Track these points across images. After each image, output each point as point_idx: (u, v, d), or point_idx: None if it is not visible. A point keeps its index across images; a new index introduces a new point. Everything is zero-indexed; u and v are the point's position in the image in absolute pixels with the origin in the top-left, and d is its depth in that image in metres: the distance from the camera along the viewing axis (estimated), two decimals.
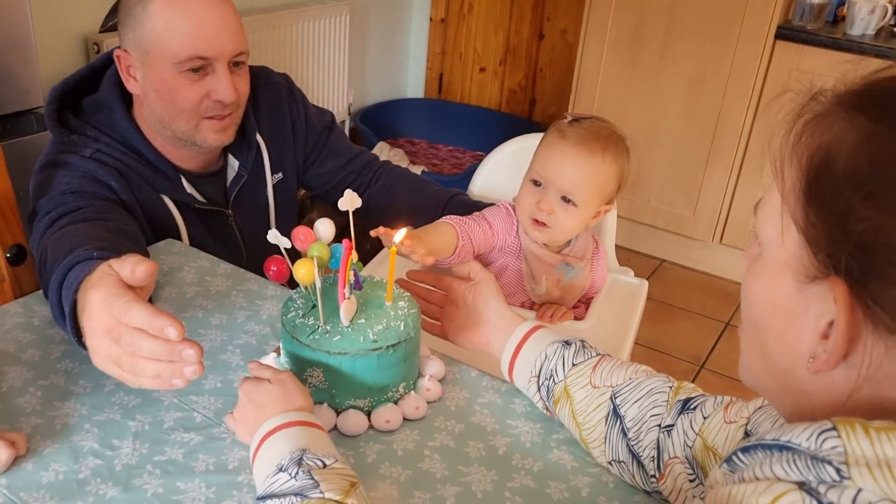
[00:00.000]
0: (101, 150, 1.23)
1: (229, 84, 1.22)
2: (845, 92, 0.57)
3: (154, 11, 1.17)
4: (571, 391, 0.90)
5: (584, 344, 0.95)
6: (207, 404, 0.95)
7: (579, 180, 1.19)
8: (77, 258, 0.90)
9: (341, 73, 3.40)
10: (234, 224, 1.37)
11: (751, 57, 2.67)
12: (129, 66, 1.22)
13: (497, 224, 1.26)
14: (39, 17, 2.23)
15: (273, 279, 0.95)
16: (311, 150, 1.46)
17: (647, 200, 3.02)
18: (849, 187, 0.51)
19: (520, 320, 1.00)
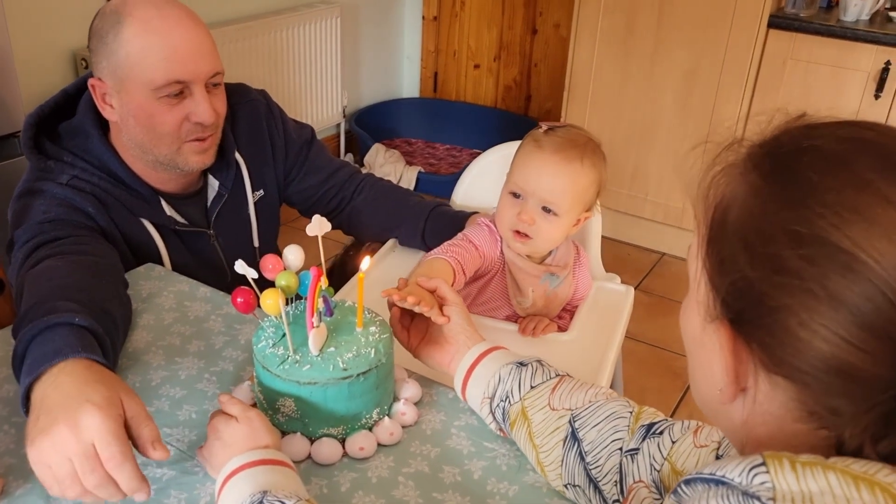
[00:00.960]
0: (77, 175, 1.23)
1: (208, 106, 1.21)
2: (753, 144, 0.58)
3: (127, 38, 1.16)
4: (529, 413, 0.89)
5: (541, 364, 0.94)
6: (181, 436, 0.95)
7: (559, 188, 1.18)
8: (58, 320, 0.90)
9: (335, 76, 3.39)
10: (216, 244, 1.37)
11: (744, 47, 2.64)
12: (105, 94, 1.21)
13: (482, 244, 1.25)
14: (23, 33, 2.24)
15: (240, 311, 0.94)
16: (291, 165, 1.45)
17: (646, 195, 3.00)
18: (735, 239, 0.55)
19: (479, 340, 0.99)
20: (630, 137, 2.96)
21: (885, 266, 0.48)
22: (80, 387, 0.79)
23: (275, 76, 3.11)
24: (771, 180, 0.54)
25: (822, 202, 0.51)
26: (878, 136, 0.54)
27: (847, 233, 0.49)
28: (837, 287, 0.49)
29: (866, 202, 0.50)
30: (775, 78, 2.63)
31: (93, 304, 0.97)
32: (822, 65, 2.56)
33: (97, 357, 0.85)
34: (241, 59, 2.92)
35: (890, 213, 0.49)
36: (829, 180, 0.51)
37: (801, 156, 0.54)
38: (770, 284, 0.52)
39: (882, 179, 0.50)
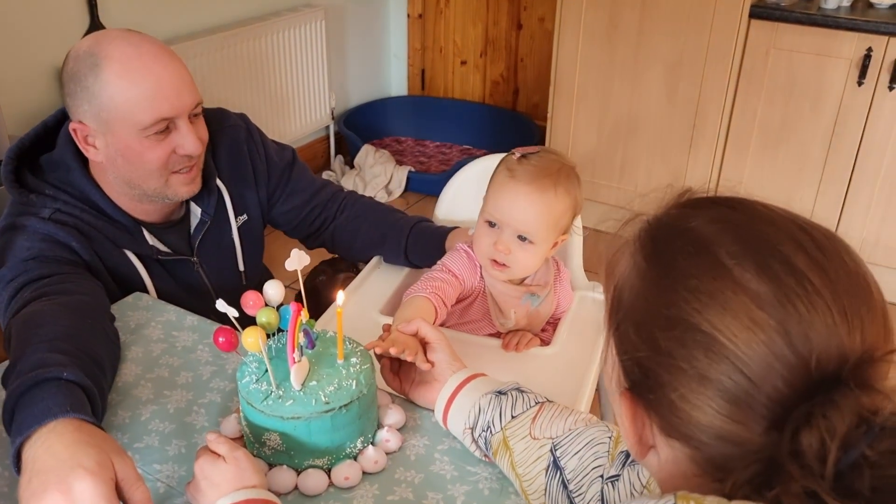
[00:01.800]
0: (60, 209, 1.24)
1: (194, 137, 1.23)
2: (645, 222, 0.63)
3: (108, 80, 1.16)
4: (511, 443, 0.91)
5: (520, 391, 0.96)
6: (171, 472, 0.97)
7: (533, 218, 1.20)
8: (46, 375, 0.91)
9: (321, 78, 3.40)
10: (200, 271, 1.38)
11: (726, 38, 2.65)
12: (87, 136, 1.21)
13: (462, 273, 1.27)
14: (6, 51, 2.24)
15: (223, 350, 0.96)
16: (274, 188, 1.46)
17: (634, 187, 3.01)
18: (628, 319, 0.60)
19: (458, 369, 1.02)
20: (617, 130, 2.97)
21: (739, 346, 0.53)
22: (71, 450, 0.80)
23: (261, 82, 3.12)
24: (651, 263, 0.60)
25: (687, 287, 0.56)
26: (746, 218, 0.58)
27: (706, 316, 0.54)
28: (702, 366, 0.54)
29: (720, 288, 0.54)
30: (759, 68, 2.64)
31: (81, 352, 0.99)
32: (805, 53, 2.57)
33: (86, 416, 0.86)
34: (227, 67, 2.93)
35: (741, 297, 0.53)
36: (693, 266, 0.56)
37: (675, 239, 0.59)
38: (653, 362, 0.57)
39: (737, 265, 0.55)
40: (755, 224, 0.58)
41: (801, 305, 0.53)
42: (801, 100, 2.62)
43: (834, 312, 0.53)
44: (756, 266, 0.54)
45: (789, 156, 2.71)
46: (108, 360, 1.08)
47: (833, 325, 0.52)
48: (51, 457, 0.80)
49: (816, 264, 0.54)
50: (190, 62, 2.75)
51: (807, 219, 0.59)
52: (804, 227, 0.57)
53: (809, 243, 0.56)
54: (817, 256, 0.55)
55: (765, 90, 2.67)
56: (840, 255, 0.56)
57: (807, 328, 0.52)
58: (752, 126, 2.73)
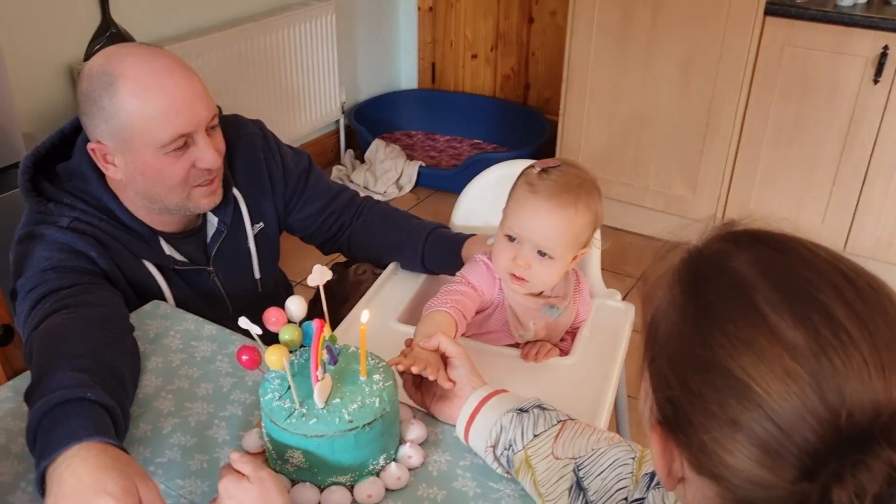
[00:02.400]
0: (79, 217, 1.23)
1: (213, 151, 1.22)
2: (685, 252, 0.62)
3: (124, 99, 1.15)
4: (533, 462, 0.91)
5: (542, 409, 0.96)
6: (193, 488, 0.97)
7: (553, 235, 1.19)
8: (70, 395, 0.91)
9: (332, 73, 3.39)
10: (216, 280, 1.38)
11: (741, 35, 2.62)
12: (106, 155, 1.21)
13: (481, 285, 1.26)
14: (18, 48, 2.24)
15: (246, 367, 0.96)
16: (290, 195, 1.46)
17: (647, 184, 3.00)
18: (663, 355, 0.60)
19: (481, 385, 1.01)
20: (629, 127, 2.95)
21: (771, 396, 0.52)
22: (96, 475, 0.80)
23: (272, 76, 3.11)
24: (689, 299, 0.59)
25: (723, 331, 0.55)
26: (787, 262, 0.57)
27: (740, 363, 0.54)
28: (734, 412, 0.54)
29: (756, 336, 0.54)
30: (773, 66, 2.62)
31: (103, 370, 0.99)
32: (821, 51, 2.55)
33: (111, 440, 0.86)
34: (238, 62, 2.92)
35: (776, 347, 0.53)
36: (731, 310, 0.56)
37: (715, 278, 0.59)
38: (685, 402, 0.57)
39: (774, 313, 0.54)
40: (796, 268, 0.57)
41: (837, 359, 0.52)
42: (816, 98, 2.60)
43: (870, 367, 0.52)
44: (793, 315, 0.54)
45: (803, 154, 2.70)
46: (130, 374, 1.08)
47: (869, 380, 0.52)
48: (76, 482, 0.80)
49: (856, 315, 0.53)
50: (201, 58, 2.75)
51: (852, 263, 0.58)
52: (847, 275, 0.56)
53: (851, 292, 0.55)
54: (857, 307, 0.54)
55: (779, 88, 2.65)
56: (883, 305, 0.55)
57: (841, 382, 0.52)
58: (766, 124, 2.71)
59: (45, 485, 0.84)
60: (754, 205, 2.84)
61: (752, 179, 2.82)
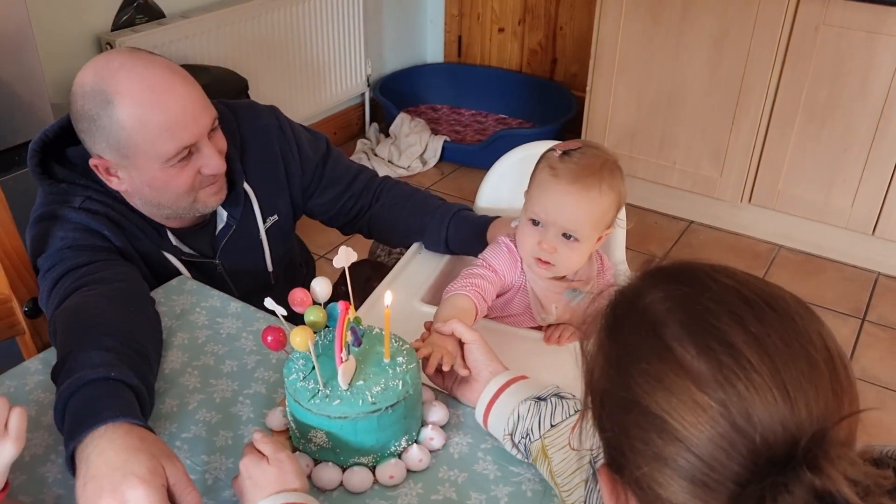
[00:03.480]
0: (91, 197, 1.23)
1: (217, 157, 1.22)
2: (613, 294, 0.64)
3: (123, 117, 1.13)
4: (549, 452, 0.92)
5: (560, 398, 0.96)
6: (219, 464, 0.99)
7: (578, 218, 1.19)
8: (95, 375, 0.92)
9: (358, 45, 3.37)
10: (223, 272, 1.37)
11: (775, 12, 2.57)
12: (109, 168, 1.20)
13: (501, 267, 1.26)
14: (47, 18, 2.24)
15: (271, 348, 0.97)
16: (308, 182, 1.44)
17: (673, 163, 2.97)
18: (597, 397, 0.62)
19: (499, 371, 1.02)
20: (657, 105, 2.92)
21: (688, 429, 0.53)
22: (123, 456, 0.82)
23: (298, 49, 3.10)
24: (612, 340, 0.61)
25: (638, 369, 0.57)
26: (692, 294, 0.58)
27: (655, 399, 0.55)
28: (658, 447, 0.55)
29: (666, 371, 0.55)
30: (807, 45, 2.57)
31: (127, 347, 1.00)
32: (856, 30, 2.49)
33: (137, 420, 0.88)
34: (264, 33, 2.91)
35: (684, 380, 0.54)
36: (644, 348, 0.57)
37: (631, 317, 0.60)
38: (619, 442, 0.58)
39: (680, 346, 0.55)
40: (699, 300, 0.57)
41: (741, 384, 0.53)
42: (850, 78, 2.55)
43: (773, 389, 0.52)
44: (696, 346, 0.55)
45: (834, 135, 2.65)
46: (153, 348, 1.09)
47: (774, 403, 0.52)
48: (104, 463, 0.81)
49: (754, 339, 0.54)
50: (227, 28, 2.75)
51: (757, 285, 0.58)
52: (747, 298, 0.57)
53: (749, 315, 0.55)
54: (756, 330, 0.55)
55: (812, 67, 2.59)
56: (783, 324, 0.56)
57: (748, 407, 0.52)
58: (798, 104, 2.67)
59: (75, 465, 0.85)
60: (782, 186, 2.80)
61: (780, 161, 2.78)
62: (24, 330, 1.24)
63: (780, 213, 2.88)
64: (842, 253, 2.86)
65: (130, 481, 0.79)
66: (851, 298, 2.69)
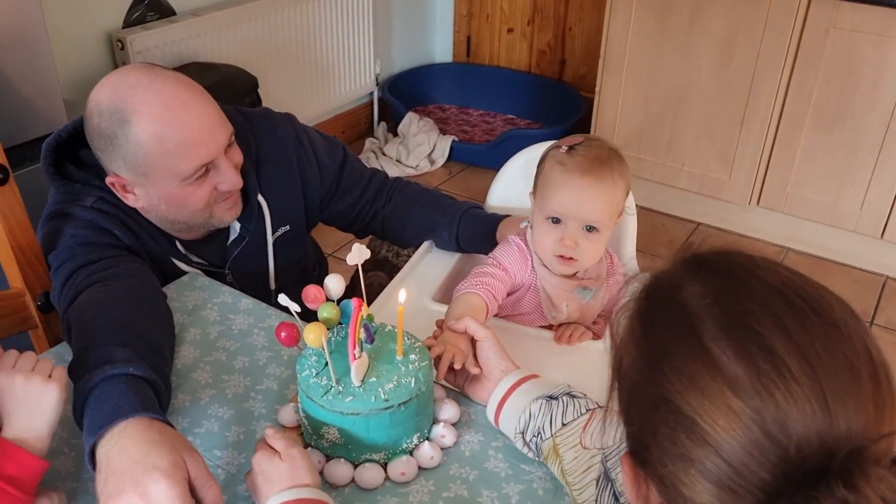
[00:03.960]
0: (104, 198, 1.23)
1: (234, 174, 1.22)
2: (646, 279, 0.62)
3: (139, 136, 1.13)
4: (561, 451, 0.92)
5: (572, 397, 0.96)
6: (231, 459, 0.99)
7: (598, 208, 1.19)
8: (113, 371, 0.92)
9: (367, 44, 3.37)
10: (233, 282, 1.37)
11: (785, 15, 2.57)
12: (126, 186, 1.20)
13: (512, 266, 1.26)
14: (59, 16, 2.25)
15: (284, 344, 0.97)
16: (326, 191, 1.44)
17: (682, 165, 2.97)
18: (625, 388, 0.60)
19: (511, 370, 1.02)
20: (666, 107, 2.92)
21: (719, 433, 0.52)
22: (144, 450, 0.82)
23: (307, 47, 3.10)
24: (645, 331, 0.59)
25: (671, 367, 0.55)
26: (733, 290, 0.57)
27: (688, 399, 0.53)
28: (686, 448, 0.54)
29: (699, 372, 0.54)
30: (817, 48, 2.56)
31: (143, 342, 1.01)
32: (867, 34, 2.49)
33: (156, 414, 0.88)
34: (274, 31, 2.92)
35: (719, 383, 0.53)
36: (679, 345, 0.56)
37: (667, 310, 0.58)
38: (646, 437, 0.57)
39: (717, 347, 0.54)
40: (741, 300, 0.56)
41: (778, 393, 0.51)
42: (860, 81, 2.55)
43: (812, 400, 0.51)
44: (734, 349, 0.53)
45: (844, 138, 2.65)
46: (167, 343, 1.10)
47: (812, 414, 0.51)
48: (125, 457, 0.82)
49: (795, 347, 0.52)
50: (237, 27, 2.75)
51: (801, 286, 0.56)
52: (791, 301, 0.55)
53: (792, 322, 0.53)
54: (798, 338, 0.53)
55: (822, 69, 2.59)
56: (826, 332, 0.54)
57: (784, 417, 0.51)
58: (808, 106, 2.66)
59: (95, 460, 0.85)
60: (791, 189, 2.80)
61: (789, 163, 2.77)
62: (37, 324, 1.25)
63: (788, 216, 2.87)
64: (850, 256, 2.85)
65: (153, 475, 0.79)
66: (859, 302, 2.69)
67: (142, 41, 2.45)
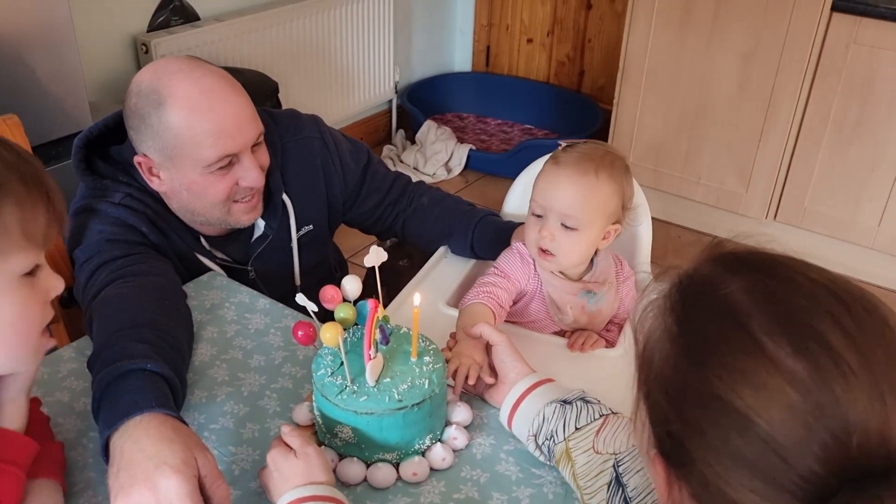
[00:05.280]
0: (132, 195, 1.26)
1: (257, 171, 1.24)
2: (677, 276, 0.60)
3: (173, 119, 1.17)
4: (573, 455, 0.92)
5: (586, 402, 0.96)
6: (245, 455, 1.00)
7: (574, 202, 1.19)
8: (131, 366, 0.94)
9: (387, 52, 3.40)
10: (255, 279, 1.39)
11: (805, 30, 2.57)
12: (152, 168, 1.23)
13: (514, 272, 1.28)
14: (86, 19, 2.29)
15: (301, 343, 0.98)
16: (350, 193, 1.46)
17: (698, 177, 2.97)
18: (659, 388, 0.58)
19: (526, 373, 1.03)
20: (683, 119, 2.92)
21: (774, 427, 0.51)
22: (158, 446, 0.83)
23: (328, 54, 3.13)
24: (683, 329, 0.57)
25: (720, 363, 0.54)
26: (782, 288, 0.56)
27: (740, 395, 0.52)
28: (736, 446, 0.52)
29: (755, 367, 0.53)
30: (837, 63, 2.56)
31: (162, 340, 1.02)
32: (888, 50, 2.48)
33: (171, 411, 0.89)
34: (295, 37, 2.95)
35: (776, 379, 0.52)
36: (727, 341, 0.54)
37: (707, 306, 0.57)
38: (685, 436, 0.56)
39: (772, 343, 0.53)
40: (791, 296, 0.55)
41: (838, 388, 0.51)
42: (880, 97, 2.54)
43: (871, 396, 0.51)
44: (791, 345, 0.52)
45: (863, 154, 2.64)
46: (186, 342, 1.11)
47: (871, 410, 0.50)
48: (138, 451, 0.83)
49: (853, 343, 0.52)
50: (259, 33, 2.78)
51: (848, 285, 0.56)
52: (843, 299, 0.54)
53: (847, 318, 0.53)
54: (855, 334, 0.52)
55: (842, 85, 2.59)
56: (880, 331, 0.53)
57: (844, 411, 0.50)
58: (827, 121, 2.66)
59: (109, 453, 0.87)
60: (809, 204, 2.79)
61: (807, 178, 2.77)
62: (59, 318, 1.27)
63: (805, 231, 2.86)
64: (867, 273, 2.83)
65: (164, 471, 0.80)
66: None
67: (166, 45, 2.48)
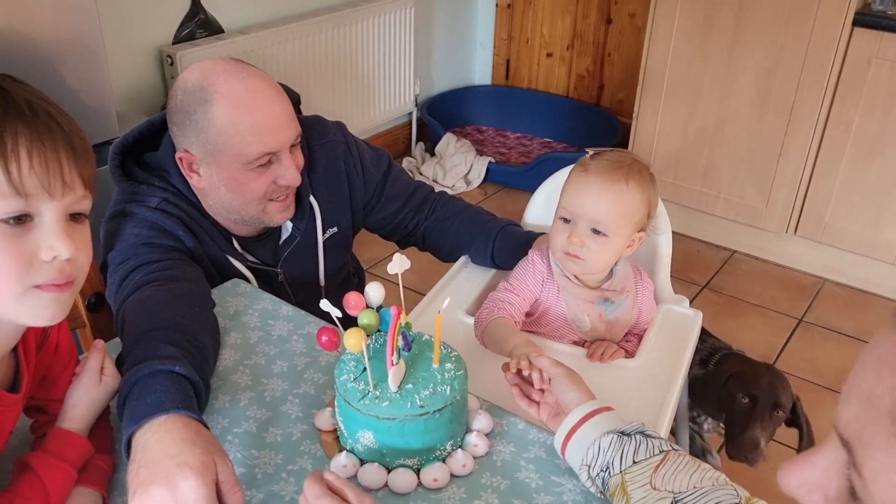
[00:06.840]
0: (167, 199, 1.29)
1: (295, 170, 1.28)
2: None
3: (218, 116, 1.21)
4: (629, 489, 0.89)
5: (645, 436, 0.93)
6: (268, 459, 1.01)
7: (605, 209, 1.21)
8: (160, 367, 0.95)
9: (408, 65, 3.43)
10: (284, 281, 1.42)
11: (826, 45, 2.57)
12: (192, 164, 1.27)
13: (527, 282, 1.30)
14: (113, 30, 2.33)
15: (325, 348, 1.00)
16: (370, 198, 1.49)
17: (718, 192, 2.96)
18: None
19: (585, 400, 1.00)
20: (703, 134, 2.92)
21: None
22: (179, 446, 0.84)
23: (349, 67, 3.17)
24: None
25: None
26: None
27: None
28: None
29: None
30: (859, 78, 2.56)
31: (190, 344, 1.04)
32: None
33: (195, 415, 0.91)
34: (317, 50, 2.98)
35: None
36: None
37: None
38: None
39: None
40: None
41: None
42: None
43: None
44: None
45: (884, 169, 2.63)
46: (212, 348, 1.13)
47: None
48: (160, 450, 0.84)
49: None
50: (283, 45, 2.82)
51: None
52: None
53: None
54: None
55: (863, 100, 2.58)
56: None
57: None
58: (848, 136, 2.65)
59: (131, 449, 0.88)
60: (829, 219, 2.78)
61: (828, 194, 2.76)
62: (85, 323, 1.29)
63: (826, 246, 2.85)
64: (889, 289, 2.82)
65: (184, 471, 0.81)
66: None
67: (191, 57, 2.52)
